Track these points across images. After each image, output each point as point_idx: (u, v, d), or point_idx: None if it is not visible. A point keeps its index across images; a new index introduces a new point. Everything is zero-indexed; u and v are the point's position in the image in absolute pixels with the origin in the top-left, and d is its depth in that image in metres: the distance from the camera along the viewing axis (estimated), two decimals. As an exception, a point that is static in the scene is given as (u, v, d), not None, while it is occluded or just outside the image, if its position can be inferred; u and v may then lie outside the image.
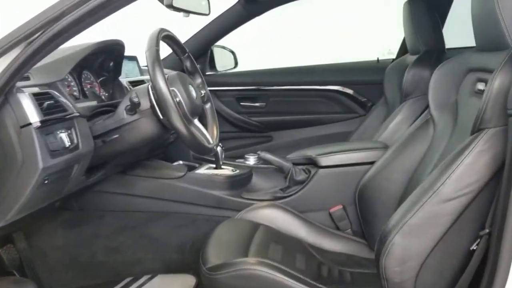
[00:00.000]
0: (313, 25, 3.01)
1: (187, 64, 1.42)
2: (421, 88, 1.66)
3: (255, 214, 1.40)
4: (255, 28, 2.32)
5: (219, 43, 2.39)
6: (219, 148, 1.63)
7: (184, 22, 1.83)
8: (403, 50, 2.21)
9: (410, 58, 1.90)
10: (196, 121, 1.30)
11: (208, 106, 1.45)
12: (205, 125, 1.40)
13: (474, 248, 0.93)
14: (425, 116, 1.36)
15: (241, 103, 2.36)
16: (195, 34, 2.25)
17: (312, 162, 1.55)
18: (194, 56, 2.37)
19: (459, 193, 0.92)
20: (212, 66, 2.42)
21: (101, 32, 1.38)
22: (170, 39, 1.33)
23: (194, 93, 1.30)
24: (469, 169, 0.93)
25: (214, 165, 1.66)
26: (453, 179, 0.93)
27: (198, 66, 2.41)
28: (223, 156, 1.64)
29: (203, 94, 1.42)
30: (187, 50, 1.42)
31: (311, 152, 1.57)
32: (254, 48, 2.81)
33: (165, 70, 1.79)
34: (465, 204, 0.92)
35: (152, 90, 1.18)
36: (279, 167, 1.57)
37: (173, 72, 1.28)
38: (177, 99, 1.20)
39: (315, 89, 2.29)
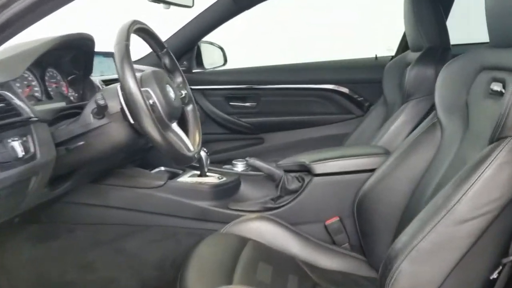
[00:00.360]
0: (307, 21, 2.87)
1: (166, 60, 1.27)
2: (425, 88, 1.53)
3: (243, 227, 1.26)
4: (245, 22, 2.17)
5: (207, 38, 2.25)
6: (203, 154, 1.48)
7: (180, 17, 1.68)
8: (403, 46, 2.07)
9: (412, 55, 1.76)
10: (174, 126, 1.15)
11: (189, 108, 1.30)
12: (186, 130, 1.25)
13: (495, 277, 0.80)
14: (431, 119, 1.22)
15: (231, 103, 2.21)
16: (180, 29, 2.09)
17: (305, 169, 1.41)
18: (180, 52, 2.24)
19: (478, 213, 0.79)
20: (199, 63, 2.27)
21: (86, 27, 1.25)
22: (144, 32, 1.18)
23: (172, 94, 1.15)
24: (489, 184, 0.80)
25: (198, 172, 1.51)
26: (470, 196, 0.80)
27: (184, 63, 2.31)
28: (208, 162, 1.49)
29: (183, 95, 1.27)
30: (165, 45, 1.26)
31: (304, 158, 1.42)
32: (244, 44, 2.65)
33: (143, 67, 1.66)
34: (485, 226, 0.79)
35: (122, 91, 1.03)
36: (269, 175, 1.42)
37: (148, 70, 1.13)
38: (151, 101, 1.05)
39: (309, 88, 2.14)
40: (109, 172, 1.40)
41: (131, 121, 1.03)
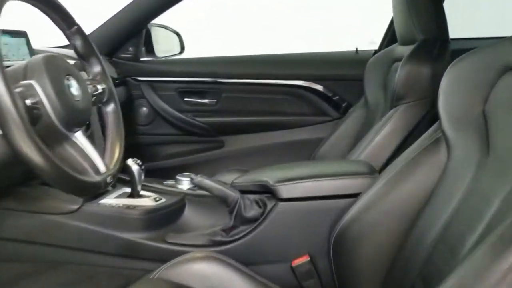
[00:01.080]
0: (280, 8, 2.52)
1: (77, 42, 0.91)
2: (419, 89, 1.23)
3: (182, 269, 0.92)
4: (207, 6, 1.83)
5: (159, 21, 1.89)
6: (135, 167, 1.13)
7: None
8: (389, 38, 1.77)
9: (400, 49, 1.46)
10: (78, 137, 0.79)
11: (109, 109, 0.94)
12: (98, 140, 0.90)
13: None
14: (432, 133, 0.92)
15: (185, 99, 1.86)
16: (125, 7, 1.72)
17: (268, 191, 1.08)
18: (124, 36, 1.87)
19: None
20: (150, 50, 1.91)
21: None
22: (43, 3, 0.82)
23: (75, 90, 0.79)
24: None
25: (129, 190, 1.16)
26: None
27: (130, 49, 1.94)
28: (142, 177, 1.14)
29: (100, 90, 0.91)
30: (76, 22, 0.90)
31: (267, 177, 1.09)
32: (205, 31, 2.29)
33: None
34: None
35: None
36: (221, 198, 1.09)
37: (38, 56, 0.77)
38: (30, 101, 0.69)
39: (278, 84, 1.82)
40: (5, 191, 1.03)
41: None
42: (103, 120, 0.94)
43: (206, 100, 1.87)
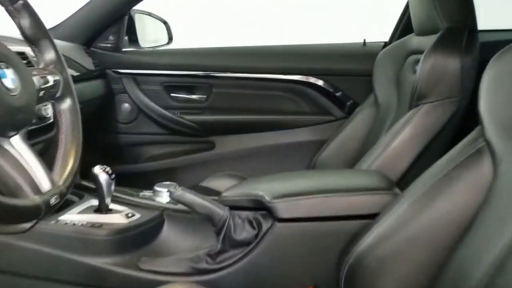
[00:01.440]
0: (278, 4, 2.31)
1: (23, 21, 0.71)
2: (446, 86, 1.04)
3: (158, 304, 0.74)
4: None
5: (144, 7, 1.69)
6: (104, 177, 0.93)
7: None
8: (402, 29, 1.58)
9: (417, 40, 1.27)
10: (14, 142, 0.60)
11: (64, 106, 0.74)
12: (48, 148, 0.71)
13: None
14: (472, 141, 0.73)
15: (172, 94, 1.67)
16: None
17: (264, 208, 0.89)
18: (104, 23, 1.66)
19: None
20: (133, 40, 1.71)
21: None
22: None
23: (10, 81, 0.59)
24: None
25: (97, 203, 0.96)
26: None
27: (110, 38, 1.73)
28: (112, 188, 0.95)
29: (51, 83, 0.71)
30: None
31: (263, 190, 0.90)
32: (197, 19, 2.08)
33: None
34: None
35: None
36: (206, 216, 0.89)
37: None
38: None
39: (276, 79, 1.63)
40: None
41: None
42: (56, 121, 0.74)
43: (195, 96, 1.68)
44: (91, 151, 1.68)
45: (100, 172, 0.93)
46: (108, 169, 0.95)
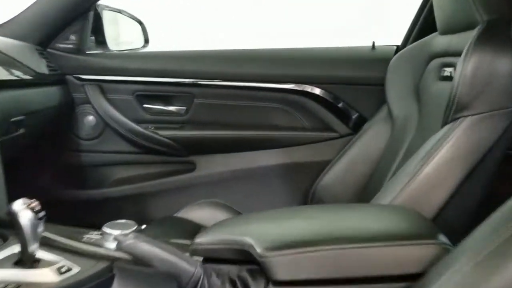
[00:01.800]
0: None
1: None
2: (495, 94, 0.79)
3: None
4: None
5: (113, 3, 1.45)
6: (27, 216, 0.65)
7: None
8: (419, 29, 1.34)
9: (442, 40, 1.04)
10: None
11: None
12: None
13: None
14: None
15: (145, 105, 1.41)
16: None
17: (253, 261, 0.62)
18: (63, 19, 1.40)
19: None
20: (100, 41, 1.46)
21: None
22: None
23: None
24: None
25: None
26: None
27: (71, 38, 1.47)
28: (39, 231, 0.67)
29: None
30: None
31: (252, 235, 0.63)
32: (180, 19, 1.82)
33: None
34: None
35: None
36: (170, 274, 0.62)
37: None
38: None
39: (269, 87, 1.38)
40: None
41: None
42: None
43: (172, 108, 1.42)
44: (45, 173, 1.43)
45: (22, 209, 0.66)
46: (34, 204, 0.67)
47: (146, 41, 1.57)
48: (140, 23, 1.57)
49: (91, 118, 1.40)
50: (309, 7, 2.03)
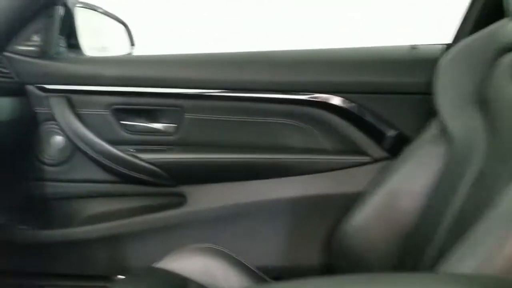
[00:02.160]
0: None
1: None
2: None
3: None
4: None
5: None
6: None
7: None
8: (477, 20, 1.03)
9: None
10: None
11: None
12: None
13: None
14: None
15: (123, 122, 1.13)
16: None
17: None
18: (23, 15, 1.14)
19: None
20: (73, 44, 1.20)
21: None
22: None
23: None
24: None
25: None
26: None
27: (34, 39, 1.21)
28: None
29: None
30: None
31: None
32: (167, 19, 1.57)
33: None
34: None
35: None
36: None
37: None
38: None
39: (279, 98, 1.08)
40: None
41: None
42: None
43: (158, 125, 1.14)
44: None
45: None
46: None
47: (132, 44, 1.31)
48: (124, 24, 1.32)
49: (58, 138, 1.13)
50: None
